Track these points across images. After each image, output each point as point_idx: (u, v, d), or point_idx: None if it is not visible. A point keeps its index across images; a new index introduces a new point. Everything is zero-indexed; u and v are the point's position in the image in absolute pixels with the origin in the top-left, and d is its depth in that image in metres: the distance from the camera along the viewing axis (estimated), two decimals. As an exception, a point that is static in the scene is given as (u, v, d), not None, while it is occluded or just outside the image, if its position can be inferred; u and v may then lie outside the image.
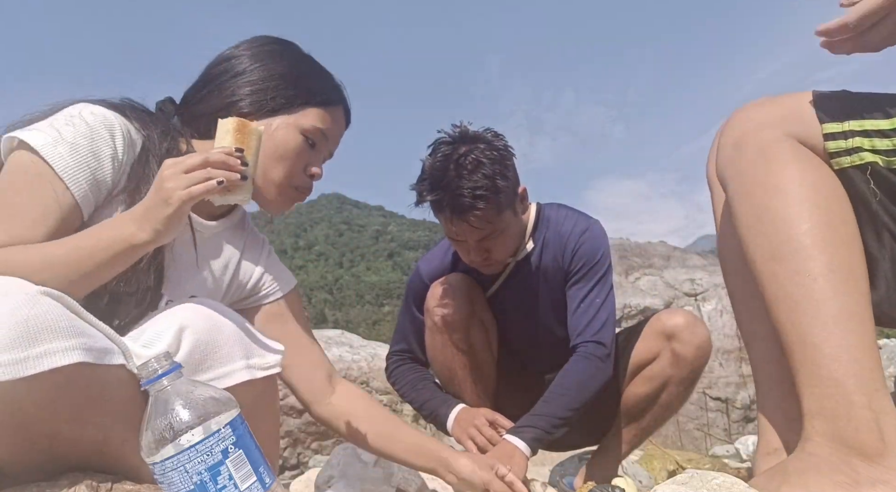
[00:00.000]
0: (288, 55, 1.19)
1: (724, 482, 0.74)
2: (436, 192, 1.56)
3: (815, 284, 0.84)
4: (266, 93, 1.13)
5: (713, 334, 3.97)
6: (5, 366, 0.64)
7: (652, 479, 2.01)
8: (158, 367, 0.70)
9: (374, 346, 3.44)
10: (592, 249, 1.73)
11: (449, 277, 1.75)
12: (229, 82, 1.14)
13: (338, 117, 1.22)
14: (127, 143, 1.00)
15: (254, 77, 1.14)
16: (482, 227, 1.57)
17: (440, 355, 1.76)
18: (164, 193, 0.85)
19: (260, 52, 1.17)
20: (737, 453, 3.13)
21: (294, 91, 1.15)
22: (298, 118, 1.14)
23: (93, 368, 0.72)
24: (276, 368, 0.96)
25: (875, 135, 0.90)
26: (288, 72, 1.16)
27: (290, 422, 2.75)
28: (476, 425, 1.62)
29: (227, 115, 1.13)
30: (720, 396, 3.80)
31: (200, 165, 0.87)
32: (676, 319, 1.68)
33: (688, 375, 1.68)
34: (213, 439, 0.67)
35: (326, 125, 1.18)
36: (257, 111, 1.12)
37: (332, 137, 1.21)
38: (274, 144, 1.12)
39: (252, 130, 0.97)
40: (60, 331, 0.68)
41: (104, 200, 0.99)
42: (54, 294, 0.72)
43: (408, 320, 1.87)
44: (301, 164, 1.15)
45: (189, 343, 0.85)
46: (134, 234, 0.85)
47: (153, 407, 0.69)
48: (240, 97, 1.13)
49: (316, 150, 1.18)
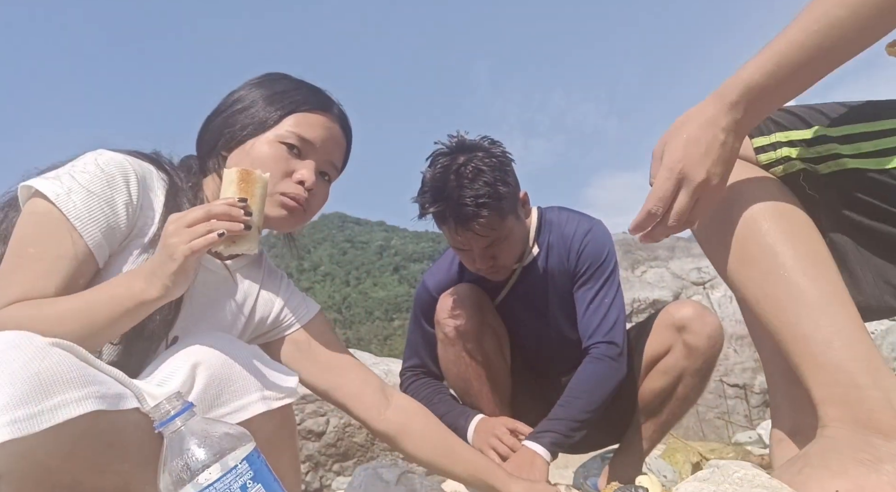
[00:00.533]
0: (275, 79, 1.20)
1: (745, 475, 0.73)
2: (438, 203, 1.57)
3: (790, 276, 0.85)
4: (250, 117, 1.14)
5: (724, 321, 3.96)
6: (21, 421, 0.64)
7: (676, 473, 2.00)
8: (170, 408, 0.70)
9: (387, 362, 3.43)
10: (597, 249, 1.74)
11: (457, 288, 1.75)
12: (219, 118, 1.16)
13: (322, 123, 1.18)
14: (142, 187, 1.02)
15: (241, 106, 1.15)
16: (487, 234, 1.57)
17: (454, 367, 1.75)
18: (168, 248, 0.86)
19: (252, 84, 1.19)
20: (759, 439, 3.11)
21: (275, 106, 1.15)
22: (275, 130, 1.14)
23: (108, 414, 0.72)
24: (292, 396, 0.96)
25: (799, 144, 0.94)
26: (272, 93, 1.16)
27: (309, 446, 2.75)
28: (496, 434, 1.62)
29: (217, 151, 1.12)
30: (738, 382, 3.78)
31: (203, 218, 0.87)
32: (686, 311, 1.68)
33: (702, 365, 1.68)
34: (231, 476, 0.68)
35: (304, 129, 1.15)
36: (241, 136, 1.13)
37: (319, 143, 1.17)
38: (253, 159, 1.11)
39: (256, 177, 0.97)
40: (72, 381, 0.69)
41: (119, 245, 1.00)
42: (64, 345, 0.73)
43: (418, 335, 1.86)
44: (280, 169, 1.13)
45: (203, 379, 0.85)
46: (144, 290, 0.86)
47: (168, 449, 0.69)
48: (229, 128, 1.14)
49: (302, 156, 1.15)
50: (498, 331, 1.78)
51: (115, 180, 0.98)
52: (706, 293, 4.29)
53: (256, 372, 0.92)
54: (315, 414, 2.79)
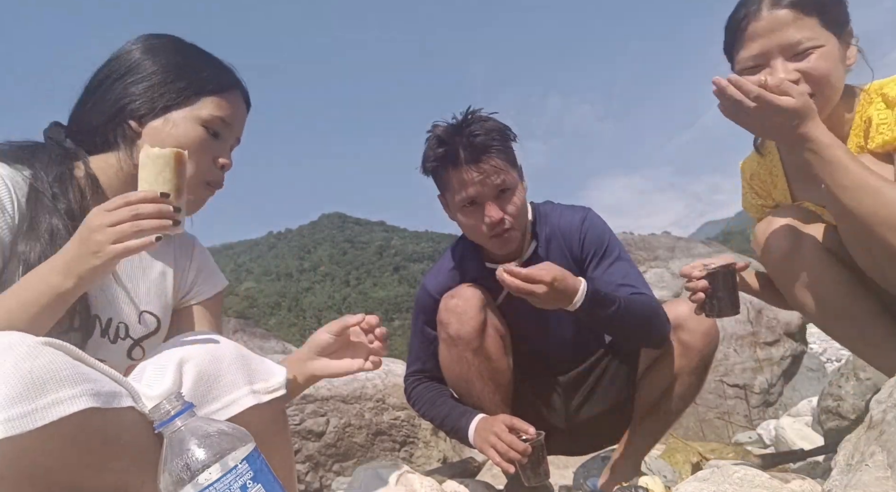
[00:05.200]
0: (172, 47, 1.18)
1: (745, 475, 0.73)
2: (448, 145, 1.60)
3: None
4: (156, 89, 1.12)
5: (724, 321, 3.96)
6: (15, 420, 0.64)
7: (676, 473, 2.00)
8: (171, 408, 0.70)
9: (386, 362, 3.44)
10: (598, 233, 1.76)
11: (459, 289, 1.73)
12: (116, 85, 1.13)
13: (235, 101, 1.20)
14: (13, 188, 1.01)
15: (141, 74, 1.13)
16: (498, 171, 1.60)
17: (455, 368, 1.74)
18: (92, 245, 0.86)
19: (143, 48, 1.15)
20: (759, 439, 3.11)
21: (185, 82, 1.14)
22: (195, 110, 1.13)
23: (102, 412, 0.72)
24: (281, 390, 0.96)
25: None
26: (175, 63, 1.15)
27: (309, 446, 2.75)
28: (495, 431, 1.61)
29: (120, 120, 1.10)
30: (738, 382, 3.78)
31: (129, 218, 0.87)
32: (680, 309, 1.68)
33: (698, 363, 1.68)
34: (231, 476, 0.68)
35: (225, 112, 1.17)
36: (150, 111, 1.11)
37: (234, 124, 1.19)
38: (175, 139, 1.11)
39: (187, 160, 0.96)
40: (66, 379, 0.69)
41: (10, 245, 0.99)
42: (55, 343, 0.73)
43: (421, 339, 1.86)
44: (208, 157, 1.14)
45: (192, 376, 0.85)
46: (60, 284, 0.87)
47: (168, 448, 0.69)
48: (130, 99, 1.12)
49: (221, 140, 1.17)
50: (500, 330, 1.77)
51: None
52: (706, 293, 4.29)
53: (244, 367, 0.92)
54: (315, 414, 2.79)
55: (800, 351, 4.03)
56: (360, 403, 2.93)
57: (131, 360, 1.17)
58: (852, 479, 0.89)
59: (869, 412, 1.00)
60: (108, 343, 1.12)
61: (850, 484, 0.88)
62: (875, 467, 0.87)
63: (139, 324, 1.17)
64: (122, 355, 1.15)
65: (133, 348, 1.16)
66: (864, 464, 0.89)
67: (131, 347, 1.16)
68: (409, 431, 3.02)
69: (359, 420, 2.88)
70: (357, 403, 2.92)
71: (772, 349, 3.91)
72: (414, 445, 3.02)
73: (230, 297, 76.79)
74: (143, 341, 1.18)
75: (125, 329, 1.14)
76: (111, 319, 1.12)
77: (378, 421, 2.94)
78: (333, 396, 2.87)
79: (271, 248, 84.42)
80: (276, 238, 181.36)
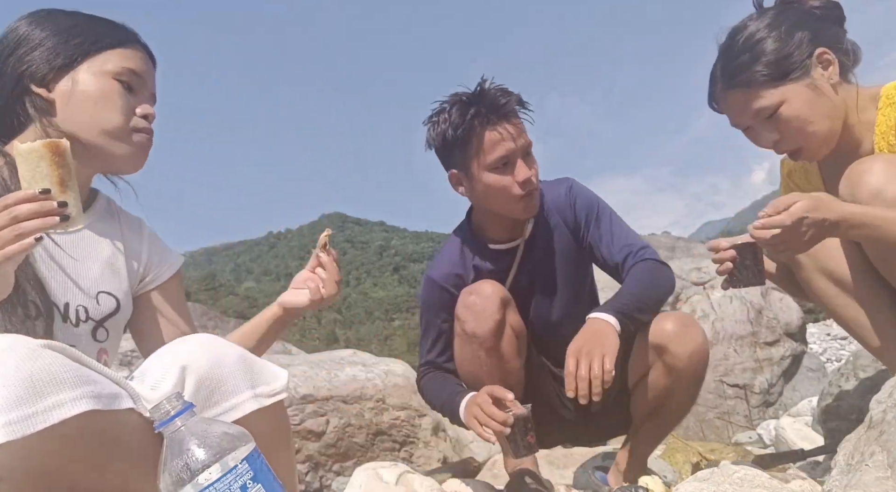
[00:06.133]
0: (59, 13, 1.16)
1: (745, 475, 0.73)
2: (473, 107, 1.62)
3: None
4: (52, 50, 1.09)
5: (724, 321, 3.96)
6: (16, 423, 0.64)
7: (676, 473, 2.00)
8: (171, 408, 0.70)
9: (387, 362, 3.43)
10: (586, 198, 1.81)
11: (478, 286, 1.71)
12: (9, 60, 1.11)
13: (138, 55, 1.18)
14: None
15: (33, 42, 1.10)
16: (524, 132, 1.66)
17: (468, 364, 1.74)
18: None
19: (28, 21, 1.14)
20: (759, 439, 3.11)
21: (80, 38, 1.11)
22: (100, 64, 1.11)
23: (103, 414, 0.72)
24: (283, 393, 0.96)
25: None
26: (67, 26, 1.13)
27: (310, 446, 2.75)
28: (478, 402, 1.58)
29: (23, 91, 1.07)
30: (737, 382, 3.77)
31: (7, 223, 0.83)
32: (667, 328, 1.64)
33: (687, 383, 1.67)
34: (231, 476, 0.67)
35: (133, 63, 1.15)
36: (51, 70, 1.09)
37: (144, 75, 1.18)
38: (89, 96, 1.09)
39: (65, 147, 0.89)
40: (66, 382, 0.68)
41: None
42: (56, 346, 0.73)
43: (432, 331, 1.85)
44: (127, 106, 1.12)
45: (194, 380, 0.85)
46: None
47: (168, 449, 0.69)
48: (27, 66, 1.09)
49: (135, 93, 1.15)
50: (518, 330, 1.75)
51: None
52: (706, 293, 4.29)
53: (246, 370, 0.92)
54: (315, 414, 2.79)
55: (800, 351, 4.03)
56: (360, 403, 2.92)
57: (97, 342, 1.17)
58: (852, 479, 0.89)
59: (869, 412, 1.00)
60: (71, 327, 1.11)
61: (850, 484, 0.88)
62: (875, 467, 0.87)
63: (98, 305, 1.16)
64: (88, 338, 1.15)
65: (97, 330, 1.16)
66: (865, 464, 0.89)
67: (94, 329, 1.16)
68: (409, 431, 3.02)
69: (359, 420, 2.88)
70: (357, 403, 2.92)
71: (772, 349, 3.91)
72: (414, 445, 3.02)
73: (230, 297, 76.60)
74: (105, 322, 1.18)
75: (84, 311, 1.14)
76: (68, 304, 1.11)
77: (378, 421, 2.94)
78: (333, 396, 2.87)
79: (271, 248, 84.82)
80: (276, 238, 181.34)
